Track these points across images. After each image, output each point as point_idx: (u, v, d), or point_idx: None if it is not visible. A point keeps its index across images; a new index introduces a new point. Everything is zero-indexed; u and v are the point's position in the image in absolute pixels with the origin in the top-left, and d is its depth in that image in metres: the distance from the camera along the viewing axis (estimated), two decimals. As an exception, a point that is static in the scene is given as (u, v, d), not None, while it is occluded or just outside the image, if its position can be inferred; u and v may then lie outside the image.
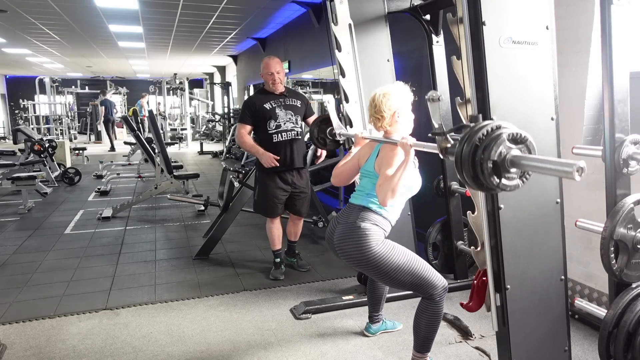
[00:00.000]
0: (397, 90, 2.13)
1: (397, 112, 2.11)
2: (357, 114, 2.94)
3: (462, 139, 1.34)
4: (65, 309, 3.06)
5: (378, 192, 1.99)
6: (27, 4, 6.58)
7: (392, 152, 2.04)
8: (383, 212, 2.12)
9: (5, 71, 18.72)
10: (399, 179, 1.94)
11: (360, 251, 2.05)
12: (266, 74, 3.42)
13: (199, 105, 17.48)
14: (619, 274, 1.77)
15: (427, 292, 2.13)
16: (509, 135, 1.30)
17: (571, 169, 1.10)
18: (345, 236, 2.11)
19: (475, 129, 1.31)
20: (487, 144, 1.29)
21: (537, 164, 1.23)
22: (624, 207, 1.74)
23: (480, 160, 1.29)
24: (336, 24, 2.87)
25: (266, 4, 6.93)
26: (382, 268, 2.06)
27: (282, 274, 3.60)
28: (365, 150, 2.30)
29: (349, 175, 2.39)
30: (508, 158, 1.28)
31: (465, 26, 1.72)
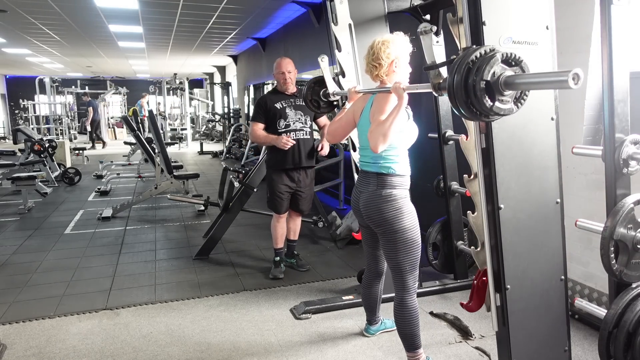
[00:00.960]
0: (396, 39, 2.11)
1: (395, 61, 2.10)
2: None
3: (453, 65, 1.31)
4: (65, 309, 3.06)
5: (370, 139, 1.99)
6: (27, 4, 6.58)
7: (385, 100, 2.03)
8: (395, 172, 2.14)
9: (5, 71, 18.72)
10: (391, 124, 1.93)
11: (384, 213, 2.12)
12: (278, 73, 3.46)
13: (199, 105, 17.49)
14: (619, 274, 1.77)
15: (405, 280, 2.18)
16: (503, 56, 1.27)
17: (566, 77, 1.09)
18: (370, 203, 2.16)
19: (469, 52, 1.28)
20: (479, 65, 1.25)
21: (532, 80, 1.20)
22: (624, 207, 1.74)
23: (472, 83, 1.26)
24: (336, 24, 2.87)
25: (266, 4, 6.93)
26: (396, 230, 2.12)
27: (281, 273, 3.62)
28: (359, 103, 2.27)
29: (344, 132, 2.39)
30: (502, 79, 1.25)
31: (465, 26, 1.72)
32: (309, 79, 2.79)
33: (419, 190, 2.21)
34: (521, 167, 1.77)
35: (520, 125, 1.77)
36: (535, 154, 1.80)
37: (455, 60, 1.31)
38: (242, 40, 10.68)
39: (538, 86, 1.20)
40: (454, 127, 3.20)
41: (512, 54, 1.28)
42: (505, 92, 1.27)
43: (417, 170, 2.20)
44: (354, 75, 2.90)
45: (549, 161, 1.83)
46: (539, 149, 1.80)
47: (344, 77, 2.92)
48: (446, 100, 3.20)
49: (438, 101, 3.18)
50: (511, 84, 1.25)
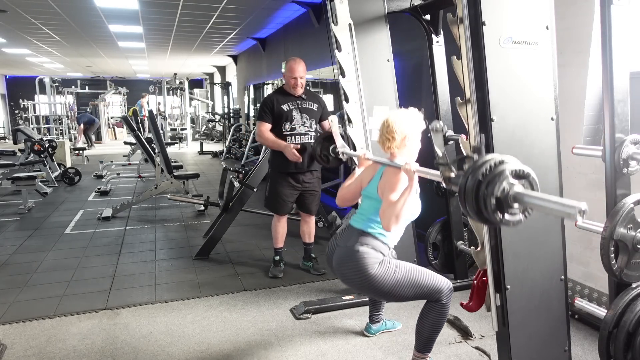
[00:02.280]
0: (411, 116, 2.15)
1: (408, 137, 2.13)
2: (357, 113, 2.94)
3: (466, 173, 1.36)
4: (65, 309, 3.06)
5: (382, 217, 2.00)
6: (27, 4, 6.58)
7: (396, 177, 2.04)
8: (382, 237, 2.13)
9: (5, 71, 18.72)
10: (403, 205, 1.95)
11: (358, 275, 2.07)
12: (289, 77, 3.40)
13: (199, 105, 17.49)
14: (619, 274, 1.77)
15: (434, 297, 2.15)
16: (512, 171, 1.32)
17: (573, 211, 1.12)
18: (343, 260, 2.12)
19: (479, 163, 1.34)
20: (490, 179, 1.31)
21: (540, 203, 1.25)
22: (624, 207, 1.74)
23: (483, 196, 1.32)
24: (336, 24, 2.87)
25: (266, 4, 6.93)
26: (382, 289, 2.08)
27: (281, 272, 3.63)
28: (368, 172, 2.31)
29: (352, 197, 2.41)
30: (511, 194, 1.30)
31: (465, 26, 1.72)
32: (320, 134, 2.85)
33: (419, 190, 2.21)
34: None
35: (520, 125, 1.77)
36: (535, 154, 1.80)
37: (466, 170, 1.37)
38: (242, 40, 10.68)
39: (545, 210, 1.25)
40: (454, 127, 3.20)
41: (520, 170, 1.33)
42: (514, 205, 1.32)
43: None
44: (354, 76, 2.90)
45: (549, 161, 1.83)
46: (539, 149, 1.81)
47: (344, 77, 2.92)
48: (446, 100, 3.20)
49: (438, 101, 3.18)
50: (520, 201, 1.30)
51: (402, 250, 2.82)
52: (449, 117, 3.19)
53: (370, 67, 2.92)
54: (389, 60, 2.99)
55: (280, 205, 3.51)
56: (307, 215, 3.67)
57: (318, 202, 3.67)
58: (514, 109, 1.77)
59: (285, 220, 3.62)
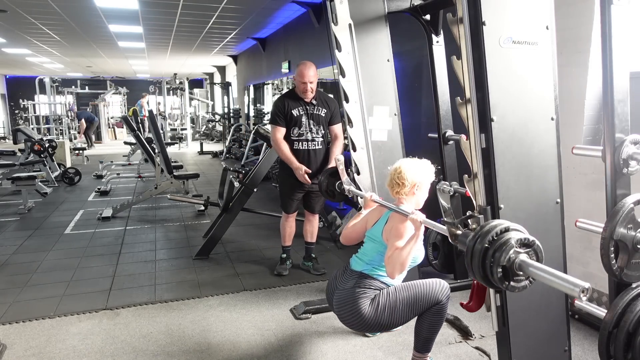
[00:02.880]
0: (423, 166, 2.19)
1: (418, 185, 2.16)
2: (357, 114, 2.94)
3: (473, 237, 1.41)
4: (65, 309, 3.06)
5: (387, 264, 2.03)
6: (27, 4, 6.58)
7: (402, 224, 2.06)
8: (382, 279, 2.16)
9: (5, 71, 18.72)
10: (409, 254, 1.97)
11: (354, 317, 2.11)
12: (299, 81, 3.39)
13: (199, 105, 17.48)
14: (619, 274, 1.76)
15: (433, 303, 2.16)
16: (518, 241, 1.36)
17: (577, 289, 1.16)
18: (342, 303, 2.16)
19: (485, 230, 1.39)
20: (497, 247, 1.36)
21: (544, 275, 1.28)
22: (624, 207, 1.74)
23: (490, 263, 1.37)
24: (336, 24, 2.87)
25: (266, 4, 6.93)
26: (381, 325, 2.13)
27: (286, 270, 3.68)
28: (374, 214, 2.33)
29: (357, 237, 2.43)
30: (517, 263, 1.34)
31: (465, 26, 1.72)
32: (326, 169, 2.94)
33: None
34: (521, 167, 1.77)
35: (520, 125, 1.77)
36: (535, 154, 1.80)
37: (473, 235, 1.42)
38: (242, 40, 10.68)
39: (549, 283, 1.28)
40: (454, 127, 3.20)
41: (525, 239, 1.37)
42: (518, 272, 1.36)
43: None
44: (354, 76, 2.90)
45: (549, 161, 1.83)
46: (539, 148, 1.81)
47: (344, 77, 2.92)
48: (446, 100, 3.20)
49: (438, 101, 3.18)
50: (525, 270, 1.34)
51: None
52: (449, 117, 3.19)
53: (370, 67, 2.92)
54: (389, 60, 2.98)
55: (286, 204, 3.57)
56: (311, 214, 3.71)
57: (323, 202, 3.70)
58: (514, 109, 1.77)
59: (294, 218, 3.67)
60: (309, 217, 3.72)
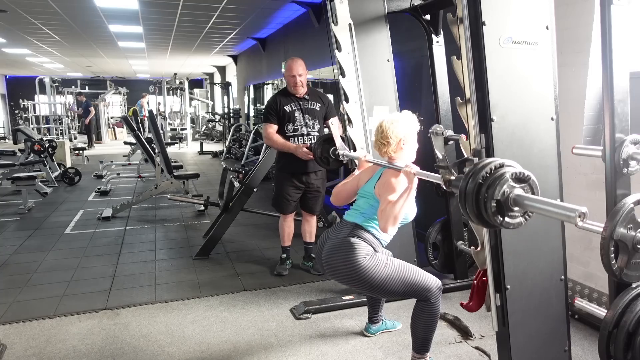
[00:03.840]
0: (404, 119, 2.16)
1: (403, 140, 2.14)
2: (357, 113, 2.94)
3: (466, 176, 1.36)
4: (65, 309, 3.06)
5: (380, 218, 2.01)
6: (27, 4, 6.58)
7: (395, 179, 2.06)
8: (374, 231, 2.14)
9: (5, 71, 18.72)
10: (402, 207, 1.96)
11: (347, 265, 2.07)
12: (288, 76, 3.40)
13: (199, 105, 17.48)
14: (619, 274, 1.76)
15: (422, 295, 2.15)
16: (512, 174, 1.32)
17: (573, 214, 1.12)
18: (333, 251, 2.12)
19: (479, 166, 1.33)
20: (490, 182, 1.31)
21: (540, 206, 1.25)
22: (624, 207, 1.74)
23: (484, 199, 1.32)
24: (336, 24, 2.87)
25: (266, 4, 6.93)
26: (370, 282, 2.07)
27: (286, 270, 3.67)
28: (367, 173, 2.32)
29: (347, 196, 2.41)
30: (511, 197, 1.30)
31: (465, 26, 1.72)
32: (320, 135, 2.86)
33: (419, 190, 2.21)
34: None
35: (520, 125, 1.77)
36: (535, 154, 1.80)
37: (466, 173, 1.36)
38: (242, 40, 10.68)
39: (545, 212, 1.24)
40: (454, 127, 3.20)
41: (521, 173, 1.32)
42: (514, 208, 1.31)
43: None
44: (354, 76, 2.90)
45: (549, 161, 1.83)
46: (539, 148, 1.81)
47: (344, 77, 2.92)
48: (446, 100, 3.20)
49: (438, 101, 3.18)
50: (520, 204, 1.30)
51: (402, 250, 2.83)
52: (449, 117, 3.19)
53: (370, 67, 2.92)
54: (389, 60, 2.99)
55: (284, 205, 3.54)
56: (309, 215, 3.69)
57: (321, 202, 3.68)
58: (514, 109, 1.77)
59: (292, 219, 3.66)
60: (308, 217, 3.71)
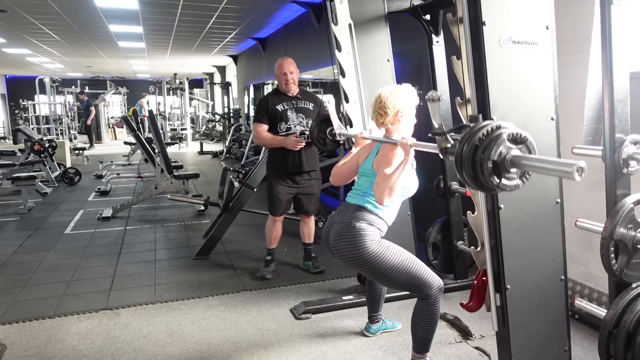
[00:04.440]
0: (403, 91, 2.14)
1: (401, 112, 2.12)
2: (357, 113, 2.94)
3: (462, 139, 1.34)
4: (65, 309, 3.06)
5: (376, 190, 2.00)
6: (27, 4, 6.58)
7: (392, 152, 2.05)
8: (379, 212, 2.12)
9: (5, 71, 18.72)
10: (398, 178, 1.94)
11: (355, 250, 2.06)
12: (279, 74, 3.38)
13: (199, 105, 17.48)
14: (619, 274, 1.77)
15: (423, 292, 2.14)
16: (509, 135, 1.30)
17: (571, 169, 1.10)
18: (340, 236, 2.12)
19: (475, 129, 1.31)
20: (487, 144, 1.29)
21: (537, 164, 1.23)
22: (624, 207, 1.74)
23: (480, 160, 1.29)
24: (336, 24, 2.87)
25: (266, 4, 6.93)
26: (377, 267, 2.07)
27: (270, 273, 3.60)
28: (365, 150, 2.31)
29: (347, 175, 2.39)
30: (508, 158, 1.28)
31: (465, 26, 1.72)
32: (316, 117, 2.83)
33: (419, 190, 2.21)
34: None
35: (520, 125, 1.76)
36: (535, 154, 1.80)
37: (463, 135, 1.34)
38: (242, 40, 10.68)
39: (543, 171, 1.23)
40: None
41: (517, 134, 1.31)
42: (511, 170, 1.30)
43: (417, 170, 2.19)
44: (354, 76, 2.90)
45: (549, 161, 1.83)
46: (539, 148, 1.79)
47: (344, 77, 2.92)
48: (446, 100, 3.20)
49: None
50: (517, 164, 1.28)
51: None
52: (449, 117, 3.19)
53: (370, 67, 2.92)
54: (389, 60, 2.98)
55: (274, 206, 3.48)
56: (306, 216, 3.65)
57: (316, 203, 3.64)
58: (514, 109, 1.77)
59: (281, 222, 3.57)
60: (305, 219, 3.66)
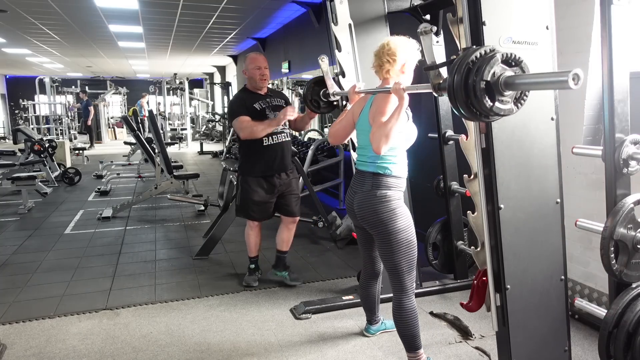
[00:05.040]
0: (411, 44, 2.13)
1: (406, 65, 2.12)
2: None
3: (453, 65, 1.31)
4: (65, 309, 3.06)
5: (372, 140, 2.00)
6: (27, 4, 6.58)
7: (385, 101, 2.04)
8: (392, 172, 2.14)
9: (5, 71, 18.72)
10: (393, 125, 1.95)
11: (379, 214, 2.12)
12: (253, 68, 3.13)
13: (199, 105, 17.48)
14: (619, 274, 1.76)
15: (402, 281, 2.18)
16: (503, 56, 1.27)
17: (566, 77, 1.09)
18: (365, 204, 2.16)
19: (469, 52, 1.29)
20: (479, 65, 1.26)
21: (531, 81, 1.21)
22: (624, 207, 1.74)
23: (472, 83, 1.26)
24: (336, 24, 2.87)
25: (266, 4, 6.93)
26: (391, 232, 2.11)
27: (256, 281, 3.45)
28: (359, 104, 2.29)
29: (345, 133, 2.39)
30: (502, 79, 1.26)
31: (465, 26, 1.72)
32: (309, 79, 2.80)
33: (419, 190, 2.21)
34: (521, 167, 1.77)
35: (520, 125, 1.77)
36: (535, 154, 1.80)
37: (455, 61, 1.32)
38: (242, 40, 10.68)
39: (538, 86, 1.21)
40: (454, 127, 3.20)
41: (511, 54, 1.29)
42: (505, 93, 1.28)
43: (417, 170, 2.20)
44: (354, 75, 2.90)
45: (549, 161, 1.83)
46: (539, 148, 1.80)
47: (344, 77, 2.92)
48: (446, 100, 3.20)
49: (438, 101, 3.18)
50: (511, 84, 1.26)
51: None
52: (449, 117, 3.19)
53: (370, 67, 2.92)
54: (389, 60, 2.98)
55: (254, 212, 3.25)
56: (291, 219, 3.38)
57: (299, 205, 3.41)
58: (514, 109, 1.77)
59: (259, 228, 3.40)
60: (289, 223, 3.39)
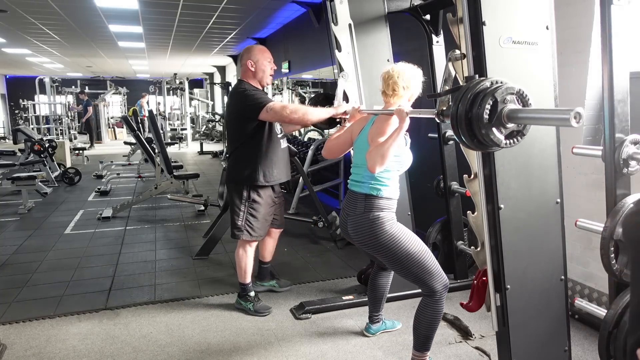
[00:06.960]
0: (418, 75, 2.18)
1: (413, 95, 2.17)
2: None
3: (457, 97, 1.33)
4: (65, 309, 3.06)
5: (368, 159, 2.01)
6: (27, 4, 6.58)
7: (386, 122, 2.06)
8: (384, 194, 2.14)
9: (5, 71, 18.71)
10: (390, 146, 1.95)
11: (375, 238, 2.11)
12: (266, 61, 2.82)
13: (199, 105, 17.49)
14: (619, 274, 1.76)
15: (430, 287, 2.15)
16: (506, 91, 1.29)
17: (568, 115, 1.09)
18: (358, 227, 2.16)
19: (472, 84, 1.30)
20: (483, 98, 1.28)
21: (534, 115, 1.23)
22: (624, 207, 1.74)
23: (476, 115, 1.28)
24: (336, 24, 2.87)
25: (266, 4, 6.93)
26: (395, 252, 2.11)
27: (267, 309, 3.01)
28: (359, 123, 2.30)
29: (340, 150, 2.40)
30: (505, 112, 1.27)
31: (465, 26, 1.72)
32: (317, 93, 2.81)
33: (419, 190, 2.21)
34: (521, 167, 1.77)
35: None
36: (535, 154, 1.80)
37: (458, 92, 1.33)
38: (242, 41, 10.67)
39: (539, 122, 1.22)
40: (454, 127, 3.20)
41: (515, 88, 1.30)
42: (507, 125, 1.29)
43: (417, 170, 2.20)
44: (354, 76, 2.90)
45: (549, 161, 1.83)
46: (539, 149, 1.81)
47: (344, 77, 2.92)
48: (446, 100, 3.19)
49: (438, 101, 3.17)
50: (513, 118, 1.27)
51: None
52: (449, 117, 3.19)
53: (370, 67, 2.92)
54: (389, 60, 2.98)
55: (262, 228, 2.91)
56: (278, 231, 3.21)
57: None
58: (514, 109, 1.77)
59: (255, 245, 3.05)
60: (275, 234, 3.21)
